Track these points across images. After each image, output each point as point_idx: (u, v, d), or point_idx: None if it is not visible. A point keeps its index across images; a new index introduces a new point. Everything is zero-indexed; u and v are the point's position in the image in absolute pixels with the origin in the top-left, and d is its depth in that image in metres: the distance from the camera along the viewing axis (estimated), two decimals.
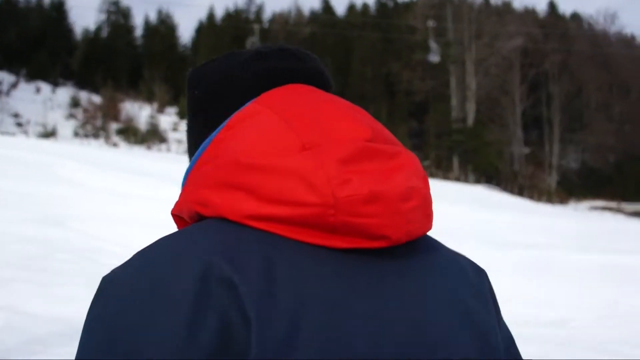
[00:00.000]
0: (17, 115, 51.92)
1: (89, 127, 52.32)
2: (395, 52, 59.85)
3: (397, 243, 0.86)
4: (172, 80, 56.64)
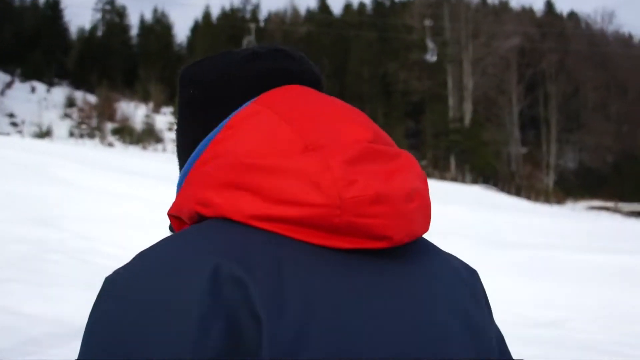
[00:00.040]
0: (12, 115, 51.83)
1: (84, 127, 52.23)
2: (392, 51, 59.75)
3: (398, 244, 0.86)
4: (167, 80, 56.35)
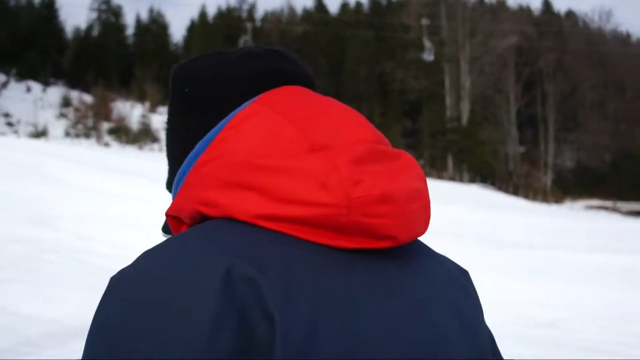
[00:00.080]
0: (7, 115, 51.64)
1: (80, 126, 52.07)
2: (389, 50, 59.70)
3: (401, 243, 0.88)
4: (164, 80, 56.13)
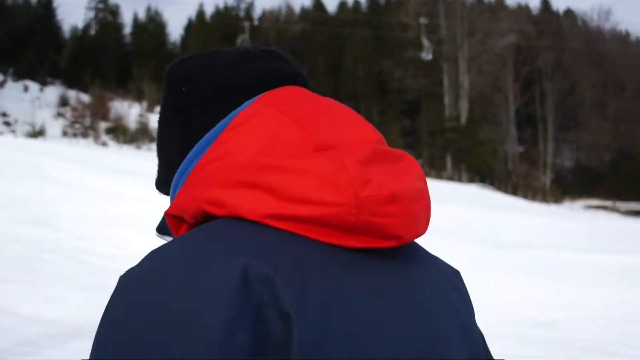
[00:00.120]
0: (4, 115, 51.50)
1: (78, 126, 51.91)
2: (387, 49, 59.62)
3: (405, 243, 0.89)
4: (161, 79, 55.06)
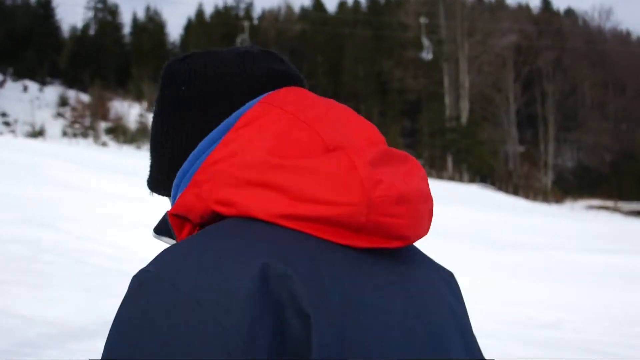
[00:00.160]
0: (4, 115, 51.44)
1: (78, 126, 51.86)
2: (387, 49, 59.58)
3: (410, 243, 0.90)
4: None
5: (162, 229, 1.00)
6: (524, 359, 6.79)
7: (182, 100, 1.01)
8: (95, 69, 57.32)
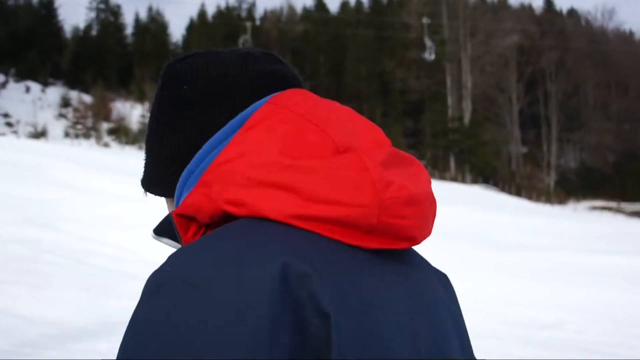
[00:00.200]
0: (6, 115, 51.45)
1: (80, 127, 51.88)
2: (390, 50, 59.56)
3: (417, 244, 0.91)
4: None
5: (162, 230, 0.99)
6: (524, 359, 6.80)
7: (183, 100, 1.00)
8: (98, 70, 57.37)
